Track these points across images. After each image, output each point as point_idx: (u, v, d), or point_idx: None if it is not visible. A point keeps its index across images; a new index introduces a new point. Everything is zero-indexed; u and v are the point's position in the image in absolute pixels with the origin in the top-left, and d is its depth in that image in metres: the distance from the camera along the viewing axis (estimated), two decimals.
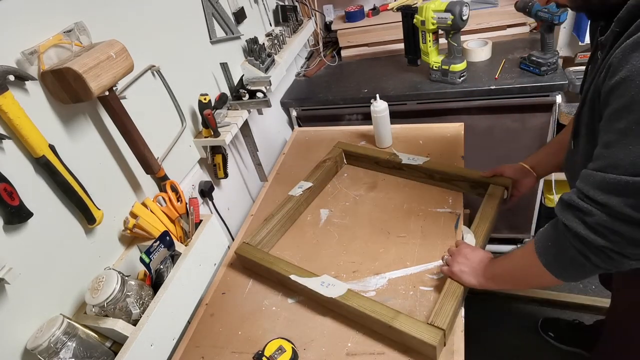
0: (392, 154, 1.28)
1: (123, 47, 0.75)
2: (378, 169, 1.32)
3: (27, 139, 0.64)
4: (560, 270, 0.70)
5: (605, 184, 0.58)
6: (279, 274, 0.98)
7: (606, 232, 0.59)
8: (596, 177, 0.59)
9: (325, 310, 0.94)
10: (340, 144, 1.39)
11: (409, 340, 0.81)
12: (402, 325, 0.80)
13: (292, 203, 1.19)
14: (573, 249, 0.64)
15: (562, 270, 0.70)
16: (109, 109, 0.78)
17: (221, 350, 0.92)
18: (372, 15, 1.84)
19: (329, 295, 0.89)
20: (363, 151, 1.34)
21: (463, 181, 1.15)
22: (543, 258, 0.71)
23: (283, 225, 1.16)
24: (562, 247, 0.67)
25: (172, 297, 0.80)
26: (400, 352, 0.83)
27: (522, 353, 1.57)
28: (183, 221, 0.95)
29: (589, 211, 0.60)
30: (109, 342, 0.74)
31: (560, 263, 0.69)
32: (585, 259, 0.63)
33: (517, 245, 1.89)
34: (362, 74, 1.74)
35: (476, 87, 1.44)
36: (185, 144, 1.07)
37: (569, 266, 0.68)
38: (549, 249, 0.70)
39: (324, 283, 0.92)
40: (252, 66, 1.33)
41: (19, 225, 0.65)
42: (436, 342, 0.76)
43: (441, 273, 0.93)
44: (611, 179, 0.57)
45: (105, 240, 0.83)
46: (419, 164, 1.21)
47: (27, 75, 0.65)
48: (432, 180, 1.21)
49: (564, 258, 0.67)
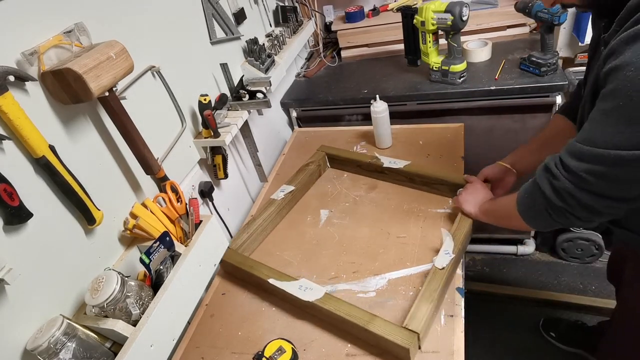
0: (374, 157, 1.29)
1: (123, 48, 0.76)
2: (360, 172, 1.33)
3: (27, 139, 0.64)
4: (529, 219, 0.83)
5: (578, 153, 0.67)
6: (258, 277, 0.98)
7: (566, 196, 0.70)
8: (574, 147, 0.68)
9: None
10: (324, 147, 1.39)
11: (384, 343, 0.82)
12: (377, 329, 0.80)
13: (273, 207, 1.19)
14: (540, 204, 0.77)
15: (531, 219, 0.83)
16: (109, 109, 0.78)
17: (221, 351, 0.92)
18: (372, 16, 1.84)
19: (306, 299, 0.90)
20: (345, 155, 1.34)
21: (442, 184, 1.16)
22: (519, 206, 0.84)
23: (265, 229, 1.17)
24: (533, 201, 0.79)
25: (172, 297, 0.80)
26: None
27: (522, 353, 1.57)
28: (183, 222, 0.94)
29: (558, 176, 0.71)
30: (108, 343, 0.74)
31: (530, 213, 0.82)
32: (548, 214, 0.76)
33: (517, 245, 1.89)
34: (362, 74, 1.74)
35: (476, 88, 1.44)
36: (185, 144, 1.07)
37: (536, 216, 0.81)
38: (524, 200, 0.83)
39: (302, 287, 0.93)
40: (252, 67, 1.33)
41: (18, 225, 0.65)
42: (409, 345, 0.77)
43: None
44: (585, 149, 0.65)
45: (105, 240, 0.83)
46: (400, 167, 1.22)
47: (27, 75, 0.65)
48: (413, 184, 1.22)
49: (533, 210, 0.81)
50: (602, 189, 0.66)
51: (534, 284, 1.80)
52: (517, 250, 1.89)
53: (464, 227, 1.00)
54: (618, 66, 0.58)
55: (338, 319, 0.86)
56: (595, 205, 0.68)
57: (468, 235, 1.01)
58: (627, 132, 0.59)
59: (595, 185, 0.66)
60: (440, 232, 1.03)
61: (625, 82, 0.57)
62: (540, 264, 1.87)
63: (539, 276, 1.82)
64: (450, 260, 0.91)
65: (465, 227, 1.00)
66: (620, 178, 0.63)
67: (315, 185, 1.34)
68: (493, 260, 1.95)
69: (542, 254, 1.91)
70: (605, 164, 0.63)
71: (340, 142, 1.49)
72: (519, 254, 1.91)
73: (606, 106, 0.62)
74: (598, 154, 0.63)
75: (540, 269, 1.85)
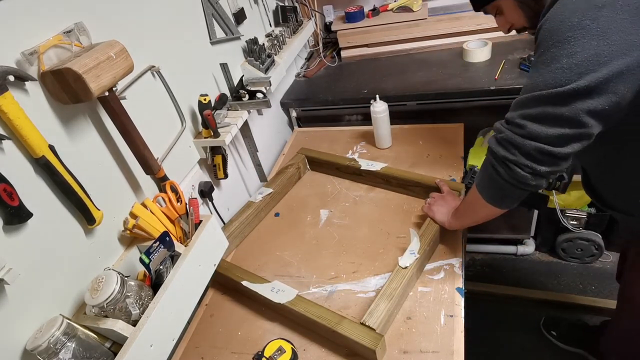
0: (352, 159, 1.29)
1: (123, 48, 0.75)
2: (339, 174, 1.34)
3: (26, 139, 0.64)
4: (484, 189, 0.83)
5: (514, 105, 0.73)
6: (232, 280, 0.99)
7: (506, 143, 0.73)
8: (513, 103, 0.73)
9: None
10: (304, 150, 1.40)
11: (352, 345, 0.82)
12: (345, 330, 0.81)
13: (251, 209, 1.20)
14: (488, 163, 0.78)
15: (486, 189, 0.83)
16: (109, 109, 0.78)
17: (221, 351, 0.92)
18: (372, 16, 1.84)
19: (277, 301, 0.91)
20: (325, 157, 1.34)
21: (418, 187, 1.17)
22: (477, 180, 0.85)
23: (242, 231, 1.18)
24: (485, 166, 0.80)
25: (172, 297, 0.80)
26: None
27: (521, 353, 1.57)
28: (183, 222, 0.94)
29: (502, 130, 0.74)
30: (108, 343, 0.74)
31: (484, 182, 0.83)
32: (495, 171, 0.76)
33: (517, 245, 1.89)
34: (361, 74, 1.74)
35: (476, 88, 1.44)
36: (185, 144, 1.07)
37: (488, 183, 0.81)
38: (480, 172, 0.84)
39: (274, 289, 0.94)
40: (252, 67, 1.33)
41: (18, 225, 0.65)
42: (376, 347, 0.78)
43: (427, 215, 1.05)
44: (519, 99, 0.71)
45: (104, 240, 0.83)
46: (377, 169, 1.22)
47: (27, 75, 0.65)
48: (389, 186, 1.23)
49: (485, 175, 0.81)
50: (535, 131, 0.68)
51: (534, 284, 1.79)
52: (517, 250, 1.89)
53: (432, 229, 1.01)
54: (541, 24, 0.69)
55: (309, 321, 0.87)
56: (533, 152, 0.70)
57: (436, 237, 1.01)
58: (545, 72, 0.66)
59: (530, 128, 0.69)
60: (409, 232, 1.05)
61: (544, 34, 0.67)
62: (540, 264, 1.87)
63: (539, 276, 1.82)
64: (415, 260, 0.93)
65: (434, 229, 1.01)
66: (548, 117, 0.67)
67: (315, 185, 1.34)
68: (493, 260, 1.95)
69: (542, 254, 1.91)
70: (531, 105, 0.69)
71: (340, 142, 1.49)
72: (518, 254, 1.91)
73: (535, 59, 0.71)
74: (526, 99, 0.70)
75: (540, 269, 1.85)
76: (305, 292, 0.99)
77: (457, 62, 1.62)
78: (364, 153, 1.41)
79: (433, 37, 1.78)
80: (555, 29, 0.66)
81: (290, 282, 1.00)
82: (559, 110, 0.65)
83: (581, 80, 0.63)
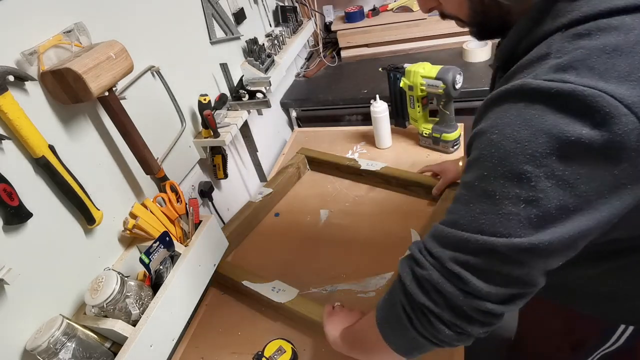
0: (352, 159, 1.29)
1: (123, 48, 0.75)
2: (339, 174, 1.33)
3: (26, 139, 0.64)
4: (387, 330, 0.60)
5: (443, 237, 0.52)
6: (232, 279, 0.98)
7: (430, 288, 0.52)
8: (438, 230, 0.54)
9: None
10: (304, 150, 1.39)
11: None
12: None
13: (251, 209, 1.20)
14: (399, 304, 0.56)
15: (390, 330, 0.60)
16: (109, 109, 0.78)
17: (221, 351, 0.92)
18: (372, 16, 1.85)
19: (278, 301, 0.90)
20: (325, 157, 1.34)
21: (418, 187, 1.16)
22: (377, 313, 0.62)
23: (242, 231, 1.17)
24: (392, 300, 0.58)
25: (172, 297, 0.80)
26: None
27: None
28: (183, 222, 0.94)
29: (422, 263, 0.53)
30: (108, 343, 0.74)
31: (389, 321, 0.60)
32: (408, 319, 0.55)
33: None
34: (361, 74, 1.74)
35: (476, 88, 1.44)
36: (185, 144, 1.07)
37: (397, 328, 0.58)
38: (384, 302, 0.62)
39: (275, 288, 0.94)
40: (251, 67, 1.33)
41: (18, 225, 0.65)
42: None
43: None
44: (449, 232, 0.51)
45: (104, 240, 0.83)
46: (377, 169, 1.22)
47: (26, 75, 0.65)
48: (389, 186, 1.22)
49: (392, 315, 0.58)
50: (478, 287, 0.49)
51: None
52: None
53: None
54: (481, 130, 0.48)
55: (309, 321, 0.86)
56: (467, 309, 0.50)
57: None
58: (491, 211, 0.47)
59: (472, 283, 0.49)
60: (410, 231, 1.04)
61: (490, 148, 0.46)
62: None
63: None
64: None
65: None
66: (493, 272, 0.48)
67: (315, 185, 1.34)
68: None
69: None
70: (470, 250, 0.48)
71: (340, 142, 1.49)
72: None
73: (470, 178, 0.49)
74: (463, 239, 0.49)
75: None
76: (305, 292, 0.99)
77: (457, 62, 1.62)
78: (364, 153, 1.41)
79: (433, 37, 1.78)
80: (507, 152, 0.45)
81: (290, 282, 1.00)
82: (509, 268, 0.48)
83: (540, 234, 0.45)
